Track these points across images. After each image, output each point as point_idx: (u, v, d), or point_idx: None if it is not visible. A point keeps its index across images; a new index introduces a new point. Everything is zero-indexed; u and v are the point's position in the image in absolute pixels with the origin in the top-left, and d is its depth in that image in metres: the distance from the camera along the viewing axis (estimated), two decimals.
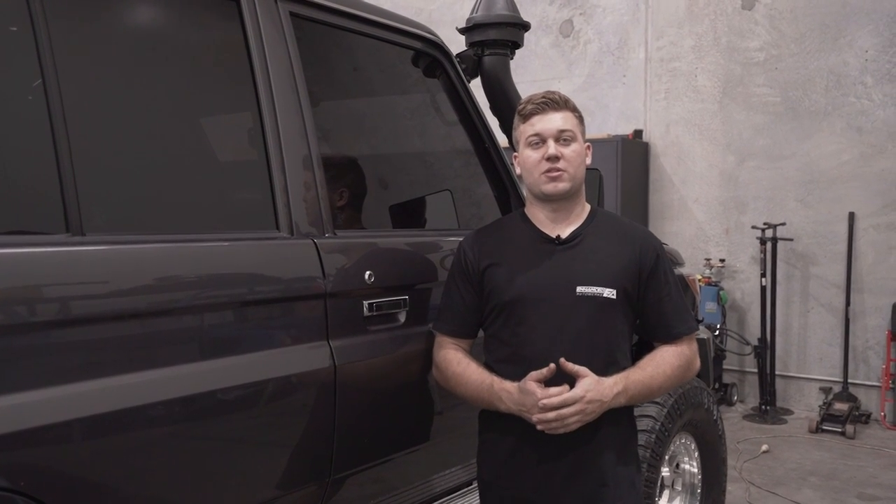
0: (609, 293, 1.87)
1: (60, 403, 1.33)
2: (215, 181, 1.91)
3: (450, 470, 2.30)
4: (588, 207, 2.00)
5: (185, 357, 1.54)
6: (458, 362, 1.95)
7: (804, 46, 5.69)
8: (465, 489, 2.36)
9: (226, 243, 1.70)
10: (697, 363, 1.99)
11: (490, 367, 1.94)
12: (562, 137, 1.88)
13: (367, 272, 1.90)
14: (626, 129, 6.34)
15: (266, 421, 1.71)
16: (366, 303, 1.90)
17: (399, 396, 2.05)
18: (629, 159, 6.08)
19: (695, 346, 1.98)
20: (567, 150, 1.88)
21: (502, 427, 1.91)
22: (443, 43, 2.36)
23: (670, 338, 1.95)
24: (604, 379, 1.82)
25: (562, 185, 1.89)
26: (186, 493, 1.58)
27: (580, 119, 1.94)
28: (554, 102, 1.89)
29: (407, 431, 2.10)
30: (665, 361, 1.92)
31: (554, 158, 1.87)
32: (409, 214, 2.57)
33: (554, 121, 1.88)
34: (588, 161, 1.97)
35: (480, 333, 2.02)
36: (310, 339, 1.78)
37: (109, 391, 1.40)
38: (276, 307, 1.75)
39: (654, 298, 1.93)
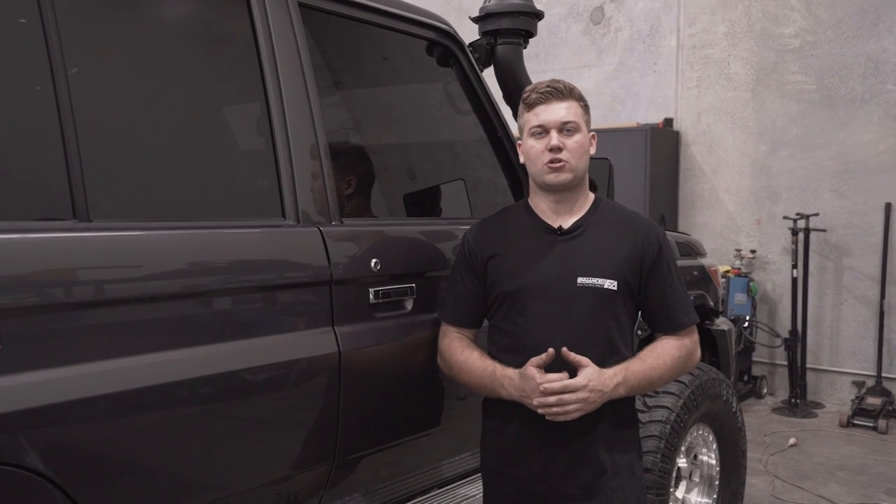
0: (610, 284, 1.86)
1: (61, 384, 1.37)
2: (222, 169, 1.94)
3: (456, 457, 2.32)
4: (591, 197, 2.00)
5: (189, 341, 1.58)
6: (461, 350, 1.97)
7: (841, 32, 5.55)
8: (474, 476, 2.38)
9: (231, 231, 1.73)
10: (698, 353, 1.99)
11: (493, 356, 1.95)
12: (565, 128, 1.87)
13: (374, 260, 1.92)
14: (657, 118, 6.26)
15: (271, 405, 1.75)
16: (371, 290, 1.93)
17: (404, 383, 2.07)
18: (659, 148, 6.01)
19: (696, 336, 1.98)
20: (570, 141, 1.87)
21: (505, 415, 1.93)
22: (455, 32, 2.36)
23: (672, 329, 1.95)
24: (604, 370, 1.82)
25: (563, 177, 1.88)
26: (191, 472, 1.62)
27: (585, 108, 1.93)
28: (558, 92, 1.88)
29: (412, 418, 2.12)
30: (666, 353, 1.92)
31: (556, 149, 1.86)
32: (419, 203, 2.58)
33: (557, 111, 1.87)
34: (592, 151, 1.96)
35: (486, 322, 2.03)
36: (315, 326, 1.81)
37: (110, 374, 1.43)
38: (281, 294, 1.78)
39: (656, 290, 1.92)
